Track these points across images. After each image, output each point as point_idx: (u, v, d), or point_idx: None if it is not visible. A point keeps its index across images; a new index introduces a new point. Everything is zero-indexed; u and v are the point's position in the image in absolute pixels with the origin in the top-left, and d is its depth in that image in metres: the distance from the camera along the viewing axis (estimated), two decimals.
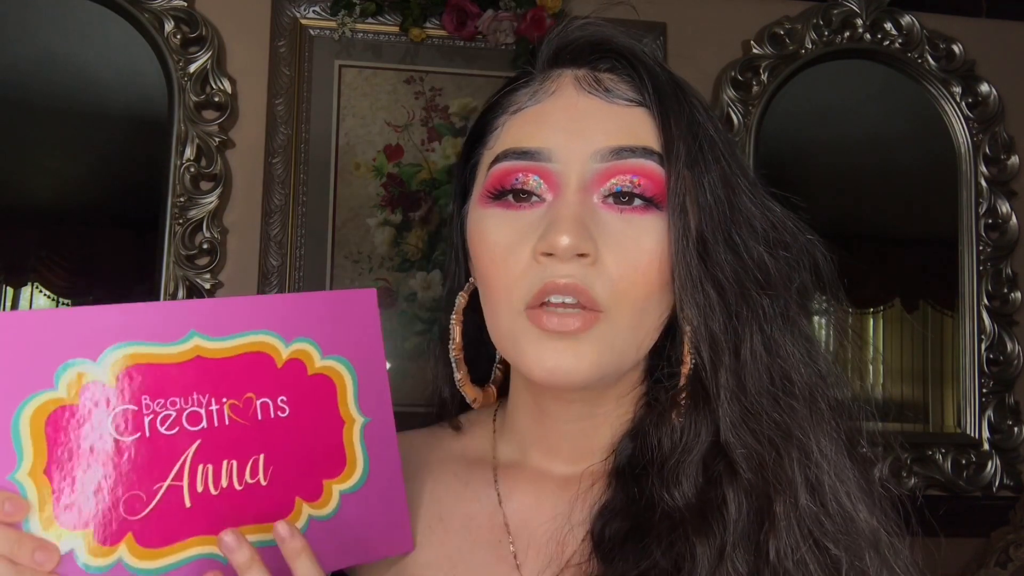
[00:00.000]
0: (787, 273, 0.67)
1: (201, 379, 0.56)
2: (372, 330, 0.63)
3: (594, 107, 0.66)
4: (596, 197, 0.64)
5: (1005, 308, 2.23)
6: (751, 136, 2.15)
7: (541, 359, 0.62)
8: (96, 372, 0.54)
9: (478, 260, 0.67)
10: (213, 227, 1.92)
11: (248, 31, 2.00)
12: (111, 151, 1.98)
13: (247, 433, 0.57)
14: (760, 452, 0.62)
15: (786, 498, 0.61)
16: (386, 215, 2.01)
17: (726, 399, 0.63)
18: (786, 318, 0.66)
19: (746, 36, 2.21)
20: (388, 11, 2.01)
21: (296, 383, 0.59)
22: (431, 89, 2.05)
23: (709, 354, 0.63)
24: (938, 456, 2.17)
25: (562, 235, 0.60)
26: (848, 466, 0.64)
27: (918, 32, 2.26)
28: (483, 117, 0.72)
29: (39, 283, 1.95)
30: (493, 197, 0.66)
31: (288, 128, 1.97)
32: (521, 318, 0.64)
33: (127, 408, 0.54)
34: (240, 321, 0.58)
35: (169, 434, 0.55)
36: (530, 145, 0.65)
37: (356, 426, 0.61)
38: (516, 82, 0.71)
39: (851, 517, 0.62)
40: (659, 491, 0.63)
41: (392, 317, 1.98)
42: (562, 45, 0.70)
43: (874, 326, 2.27)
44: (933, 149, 2.28)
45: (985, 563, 1.96)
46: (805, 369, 0.65)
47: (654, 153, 0.64)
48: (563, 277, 0.61)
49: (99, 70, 1.95)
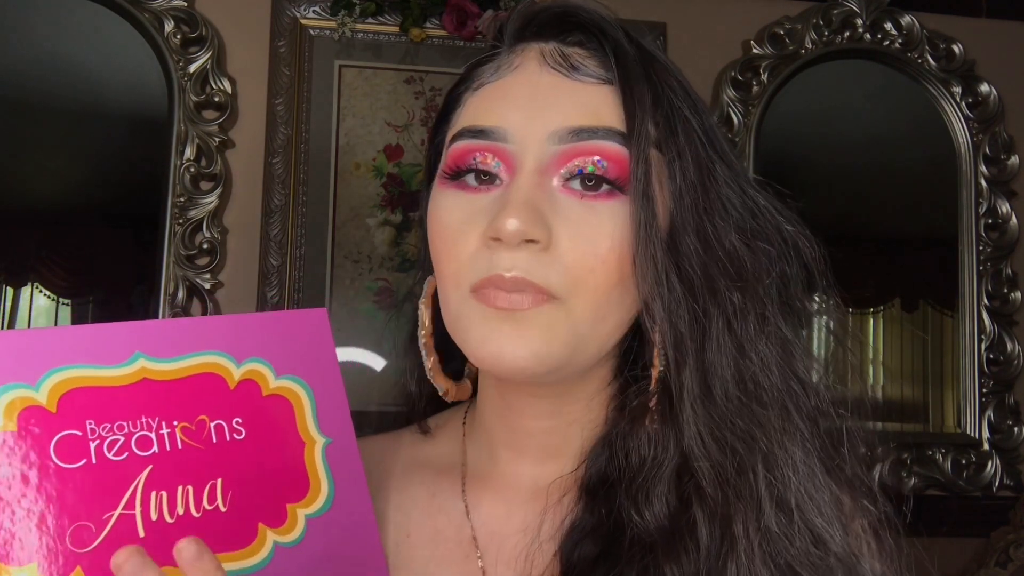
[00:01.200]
0: (765, 267, 0.62)
1: (149, 402, 0.53)
2: (326, 349, 0.60)
3: (557, 84, 0.61)
4: (556, 180, 0.59)
5: (1005, 308, 2.23)
6: (751, 136, 2.15)
7: (484, 341, 0.58)
8: (35, 396, 0.50)
9: (431, 242, 0.64)
10: (213, 227, 1.92)
11: (248, 31, 2.00)
12: (111, 151, 1.98)
13: (202, 457, 0.54)
14: (723, 464, 0.57)
15: (746, 516, 0.56)
16: (386, 215, 2.01)
17: (690, 404, 0.58)
18: (761, 316, 0.61)
19: (746, 36, 2.21)
20: (388, 11, 2.01)
21: (251, 404, 0.56)
22: (431, 89, 2.05)
23: (673, 354, 0.59)
24: (938, 456, 2.17)
25: (510, 218, 0.56)
26: (822, 481, 0.59)
27: (918, 32, 2.25)
28: (450, 94, 0.68)
29: (39, 283, 1.95)
30: (450, 178, 0.62)
31: (288, 128, 1.97)
32: (468, 299, 0.59)
33: (70, 433, 0.51)
34: (188, 342, 0.55)
35: (117, 460, 0.52)
36: (486, 124, 0.61)
37: (317, 447, 0.59)
38: (483, 57, 0.67)
39: (821, 538, 0.58)
40: (628, 511, 0.59)
41: (392, 317, 1.98)
42: (528, 17, 0.65)
43: (874, 326, 2.26)
44: (933, 149, 2.28)
45: (985, 563, 1.95)
46: (780, 372, 0.60)
47: (619, 134, 0.59)
48: (509, 270, 0.57)
49: (99, 70, 1.95)
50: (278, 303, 1.93)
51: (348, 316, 1.97)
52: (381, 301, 1.99)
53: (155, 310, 1.90)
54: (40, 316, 1.95)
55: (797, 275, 0.65)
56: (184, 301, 1.89)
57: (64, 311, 1.96)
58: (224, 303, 1.95)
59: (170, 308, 1.89)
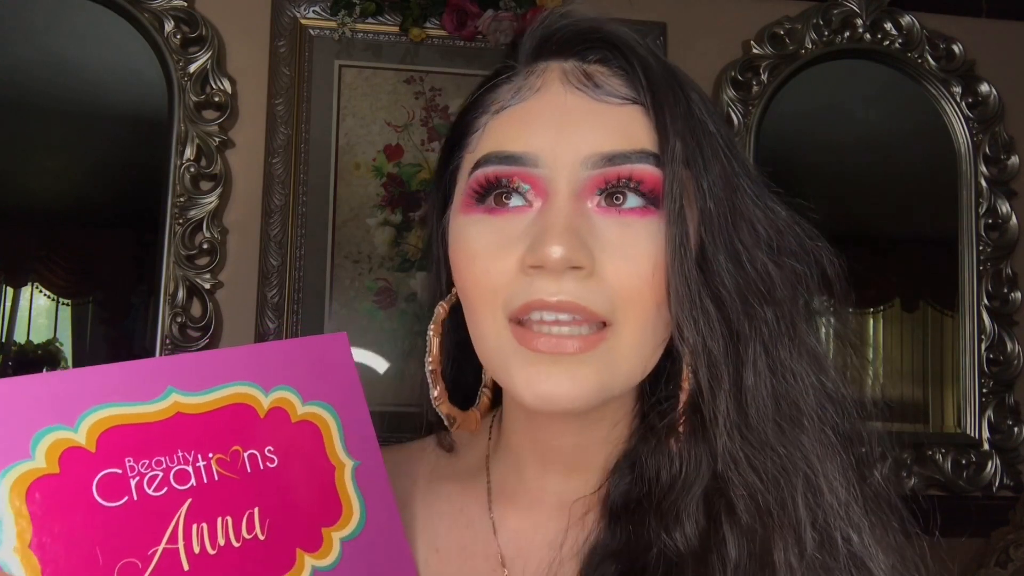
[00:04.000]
0: (793, 283, 0.61)
1: (184, 436, 0.54)
2: (348, 372, 0.61)
3: (582, 105, 0.59)
4: (591, 203, 0.58)
5: (1005, 308, 2.23)
6: (751, 136, 2.15)
7: (531, 384, 0.57)
8: (74, 437, 0.51)
9: (459, 271, 0.62)
10: (213, 227, 1.92)
11: (248, 31, 2.00)
12: (111, 151, 1.99)
13: (238, 487, 0.55)
14: (761, 491, 0.55)
15: (788, 544, 0.55)
16: (386, 215, 2.01)
17: (725, 430, 0.56)
18: (793, 335, 0.59)
19: (746, 36, 2.21)
20: (388, 11, 2.02)
21: (281, 432, 0.57)
22: (431, 89, 2.05)
23: (707, 378, 0.57)
24: (938, 456, 2.17)
25: (553, 245, 0.54)
26: (862, 503, 0.58)
27: (918, 32, 2.26)
28: (463, 118, 0.66)
29: (39, 283, 1.95)
30: (476, 200, 0.60)
31: (288, 128, 1.97)
32: (506, 333, 0.58)
33: (111, 472, 0.52)
34: (217, 374, 0.56)
35: (158, 495, 0.52)
36: (514, 149, 0.59)
37: (347, 470, 0.59)
38: (497, 78, 0.64)
39: (864, 563, 0.56)
40: (656, 531, 0.58)
41: (392, 317, 1.98)
42: (547, 35, 0.63)
43: (874, 326, 2.27)
44: (933, 149, 2.28)
45: (985, 563, 1.95)
46: (815, 393, 0.59)
47: (651, 155, 0.58)
48: (554, 295, 0.55)
49: (99, 70, 1.95)
50: (278, 303, 1.93)
51: (348, 316, 1.97)
52: (381, 301, 1.99)
53: (155, 310, 1.90)
54: (40, 316, 1.95)
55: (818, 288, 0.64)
56: (184, 301, 1.89)
57: (64, 311, 1.96)
58: (224, 303, 1.95)
59: (170, 308, 1.89)
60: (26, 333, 1.94)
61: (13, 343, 1.93)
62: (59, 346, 1.95)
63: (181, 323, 1.89)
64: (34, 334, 1.94)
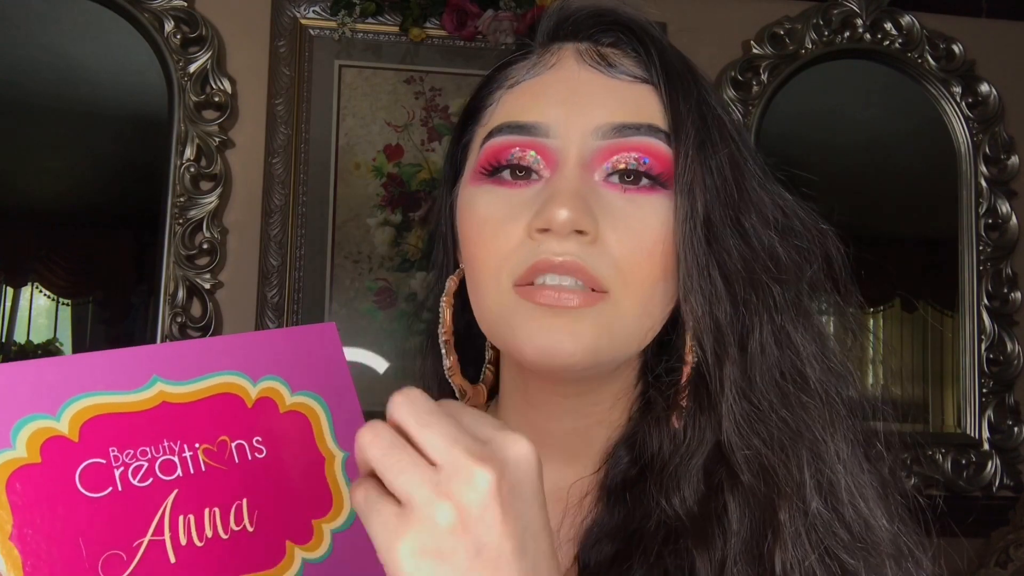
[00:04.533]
0: (798, 262, 0.63)
1: (170, 425, 0.53)
2: (338, 363, 0.60)
3: (597, 81, 0.62)
4: (598, 175, 0.60)
5: (1005, 308, 2.23)
6: (751, 136, 2.15)
7: (532, 336, 0.58)
8: (57, 427, 0.50)
9: (466, 238, 0.63)
10: (213, 227, 1.92)
11: (248, 31, 2.00)
12: (111, 151, 1.99)
13: (226, 478, 0.54)
14: (765, 454, 0.57)
15: (793, 505, 0.56)
16: (386, 215, 2.01)
17: (731, 395, 0.58)
18: (798, 309, 0.61)
19: (746, 36, 2.21)
20: (388, 11, 2.02)
21: (269, 422, 0.56)
22: (431, 89, 2.05)
23: (713, 346, 0.59)
24: (938, 456, 2.17)
25: (560, 208, 0.56)
26: (866, 469, 0.60)
27: (918, 32, 2.26)
28: (478, 93, 0.68)
29: (39, 283, 1.95)
30: (487, 174, 0.62)
31: (288, 128, 1.97)
32: (510, 294, 0.59)
33: (94, 462, 0.51)
34: (203, 363, 0.55)
35: (143, 486, 0.51)
36: (526, 119, 0.61)
37: (336, 461, 0.58)
38: (513, 56, 0.67)
39: (869, 525, 0.58)
40: (656, 498, 0.59)
41: (392, 317, 1.98)
42: (563, 17, 0.66)
43: (874, 326, 2.27)
44: (933, 149, 2.28)
45: (985, 563, 1.96)
46: (819, 364, 0.61)
47: (660, 131, 0.60)
48: (560, 255, 0.57)
49: (99, 70, 1.95)
50: (278, 303, 1.93)
51: (348, 316, 1.97)
52: (381, 301, 1.99)
53: (155, 310, 1.90)
54: (40, 316, 1.95)
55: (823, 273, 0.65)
56: (184, 301, 1.89)
57: (64, 311, 1.96)
58: (224, 303, 1.95)
59: (170, 308, 1.89)
60: (26, 333, 1.94)
61: (13, 343, 1.93)
62: (59, 346, 1.95)
63: (181, 323, 1.89)
64: (34, 334, 1.94)
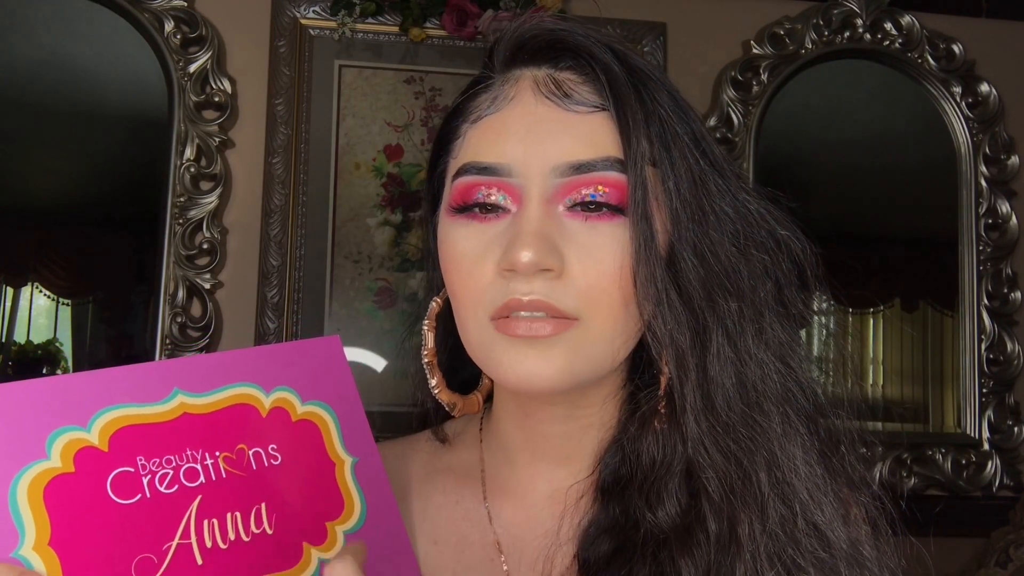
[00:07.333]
0: (761, 275, 0.64)
1: (192, 435, 0.57)
2: (343, 373, 0.64)
3: (553, 116, 0.63)
4: (561, 207, 0.62)
5: (1005, 308, 2.23)
6: (751, 136, 2.15)
7: (512, 366, 0.61)
8: (88, 437, 0.54)
9: (446, 272, 0.67)
10: (213, 227, 1.92)
11: (248, 31, 2.00)
12: (111, 151, 1.99)
13: (245, 483, 0.58)
14: (727, 471, 0.60)
15: (751, 520, 0.59)
16: (386, 215, 2.01)
17: (692, 417, 0.61)
18: (758, 325, 0.63)
19: (746, 36, 2.21)
20: (388, 11, 2.02)
21: (282, 430, 0.60)
22: (431, 89, 2.05)
23: (676, 370, 0.61)
24: (938, 456, 2.17)
25: (523, 250, 0.59)
26: (823, 480, 0.62)
27: (918, 32, 2.26)
28: (447, 123, 0.70)
29: (39, 283, 1.95)
30: (458, 211, 0.65)
31: (288, 128, 1.97)
32: (489, 328, 0.63)
33: (124, 470, 0.54)
34: (220, 375, 0.59)
35: (169, 492, 0.55)
36: (488, 160, 0.64)
37: (346, 466, 0.62)
38: (477, 87, 0.69)
39: (824, 535, 0.60)
40: (642, 511, 0.62)
41: (392, 317, 1.98)
42: (519, 45, 0.67)
43: (874, 326, 2.27)
44: (933, 149, 2.28)
45: (985, 563, 1.95)
46: (779, 379, 0.63)
47: (617, 161, 0.62)
48: (527, 295, 0.60)
49: (99, 70, 1.95)
50: (278, 303, 1.93)
51: (348, 316, 1.97)
52: (381, 301, 1.99)
53: (155, 310, 1.90)
54: (40, 316, 1.95)
55: (791, 277, 0.67)
56: (184, 301, 1.90)
57: (64, 311, 1.96)
58: (224, 303, 1.95)
59: (170, 308, 1.89)
60: (26, 333, 1.94)
61: (13, 343, 1.93)
62: (59, 346, 1.95)
63: (181, 323, 1.89)
64: (34, 334, 1.94)
